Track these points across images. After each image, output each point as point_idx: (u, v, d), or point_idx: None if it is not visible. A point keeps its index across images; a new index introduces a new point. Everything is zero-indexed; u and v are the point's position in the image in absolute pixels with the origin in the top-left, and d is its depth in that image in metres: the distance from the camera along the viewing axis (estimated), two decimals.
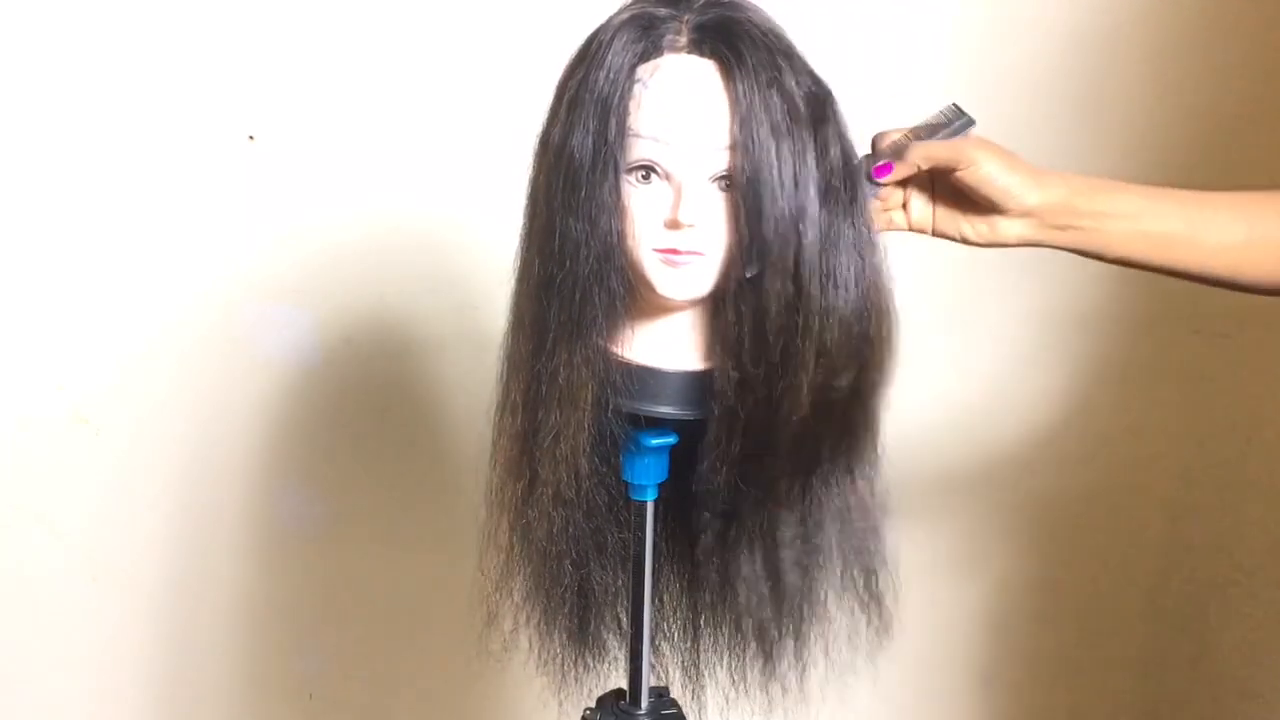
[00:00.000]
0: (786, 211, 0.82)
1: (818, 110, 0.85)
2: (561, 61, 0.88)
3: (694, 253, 0.83)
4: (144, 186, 1.46)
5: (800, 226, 0.83)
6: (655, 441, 0.92)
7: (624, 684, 1.04)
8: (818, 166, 0.83)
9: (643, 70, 0.83)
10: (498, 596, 0.97)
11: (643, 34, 0.83)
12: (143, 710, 1.64)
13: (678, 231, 0.83)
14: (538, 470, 0.88)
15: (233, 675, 1.65)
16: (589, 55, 0.84)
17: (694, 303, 0.86)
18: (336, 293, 1.54)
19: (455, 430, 1.60)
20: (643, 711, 1.03)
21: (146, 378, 1.51)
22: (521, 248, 0.90)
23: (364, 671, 1.66)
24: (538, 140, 0.89)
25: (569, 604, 0.96)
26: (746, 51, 0.82)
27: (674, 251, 0.83)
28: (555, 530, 0.90)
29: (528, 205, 0.90)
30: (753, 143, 0.81)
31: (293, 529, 1.60)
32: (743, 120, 0.81)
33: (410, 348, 1.57)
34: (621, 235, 0.83)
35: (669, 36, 0.83)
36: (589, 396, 0.86)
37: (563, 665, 1.00)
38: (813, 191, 0.83)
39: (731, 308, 0.84)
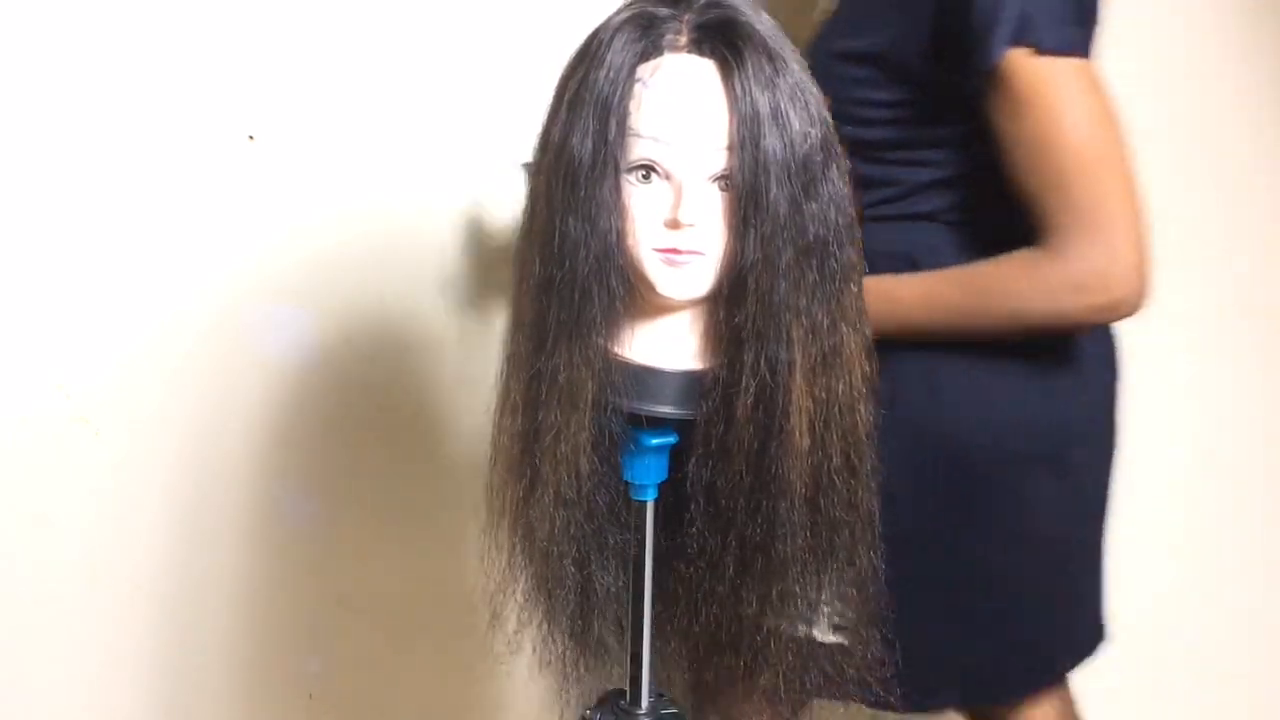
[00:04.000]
0: (784, 210, 0.82)
1: (817, 110, 0.85)
2: (562, 61, 0.88)
3: (694, 252, 0.84)
4: (144, 186, 1.46)
5: (798, 223, 0.83)
6: (655, 441, 0.91)
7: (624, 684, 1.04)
8: (815, 165, 0.84)
9: (643, 70, 0.83)
10: (500, 596, 0.97)
11: (643, 33, 0.83)
12: (142, 710, 1.63)
13: (678, 231, 0.83)
14: (539, 470, 0.88)
15: (233, 675, 1.65)
16: (589, 55, 0.84)
17: (694, 302, 0.86)
18: (336, 293, 1.54)
19: (455, 430, 1.60)
20: (643, 711, 1.03)
21: (146, 378, 1.51)
22: (521, 247, 0.90)
23: (364, 671, 1.66)
24: (538, 140, 0.89)
25: (571, 604, 0.96)
26: (746, 51, 0.82)
27: (674, 251, 0.84)
28: (557, 530, 0.90)
29: (527, 205, 0.90)
30: (752, 142, 0.81)
31: (292, 529, 1.60)
32: (742, 120, 0.81)
33: (410, 348, 1.56)
34: (621, 234, 0.83)
35: (669, 36, 0.83)
36: (589, 396, 0.86)
37: (565, 665, 1.00)
38: (807, 189, 0.83)
39: (730, 306, 0.84)
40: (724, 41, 0.82)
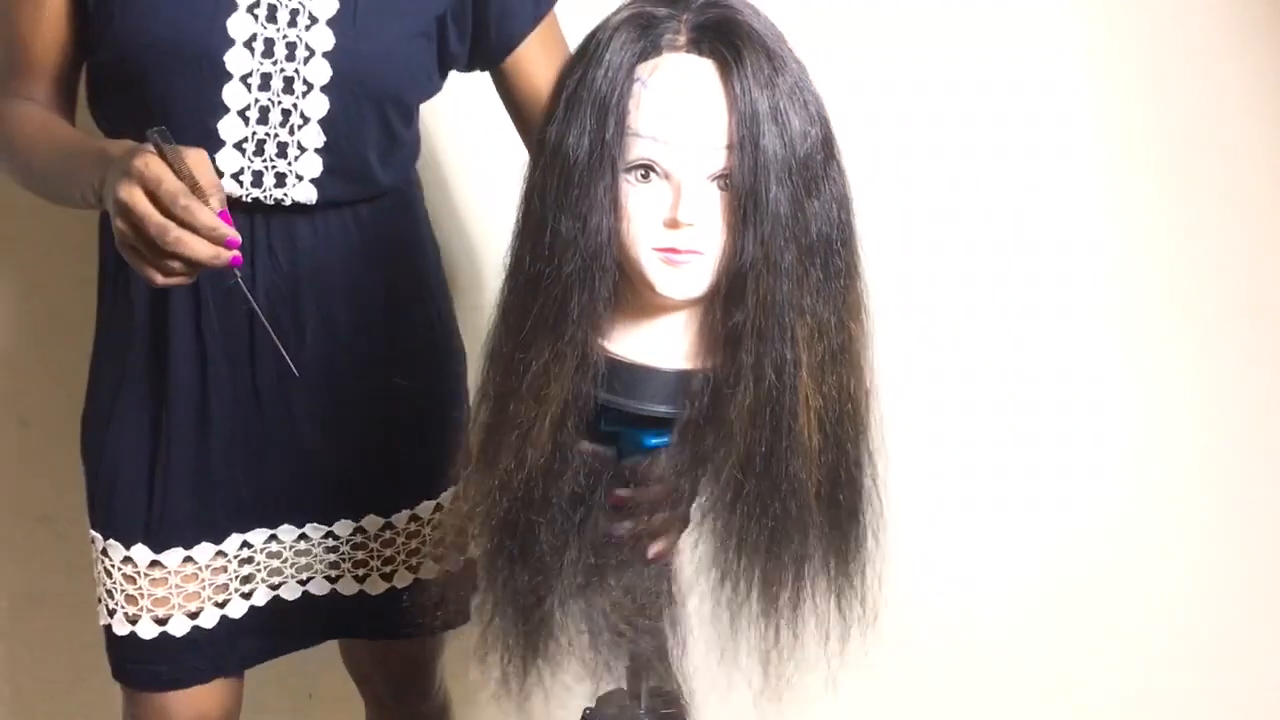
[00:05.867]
0: (784, 209, 0.82)
1: (816, 108, 0.85)
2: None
3: (693, 251, 0.84)
4: None
5: (799, 222, 0.83)
6: (655, 441, 0.92)
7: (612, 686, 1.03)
8: (815, 163, 0.84)
9: (642, 69, 0.83)
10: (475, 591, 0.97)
11: (642, 33, 0.83)
12: None
13: (677, 231, 0.83)
14: (502, 461, 0.88)
15: None
16: (588, 54, 0.84)
17: (692, 301, 0.86)
18: None
19: None
20: (642, 711, 1.03)
21: None
22: (514, 244, 0.90)
23: None
24: (536, 138, 0.89)
25: (534, 599, 0.94)
26: (745, 51, 0.82)
27: (674, 250, 0.84)
28: (521, 526, 0.90)
29: (522, 202, 0.90)
30: (751, 142, 0.81)
31: None
32: (741, 119, 0.82)
33: None
34: (614, 234, 0.84)
35: (668, 36, 0.84)
36: (567, 392, 0.86)
37: (523, 664, 0.97)
38: (808, 187, 0.83)
39: (728, 305, 0.85)
40: (723, 41, 0.83)
